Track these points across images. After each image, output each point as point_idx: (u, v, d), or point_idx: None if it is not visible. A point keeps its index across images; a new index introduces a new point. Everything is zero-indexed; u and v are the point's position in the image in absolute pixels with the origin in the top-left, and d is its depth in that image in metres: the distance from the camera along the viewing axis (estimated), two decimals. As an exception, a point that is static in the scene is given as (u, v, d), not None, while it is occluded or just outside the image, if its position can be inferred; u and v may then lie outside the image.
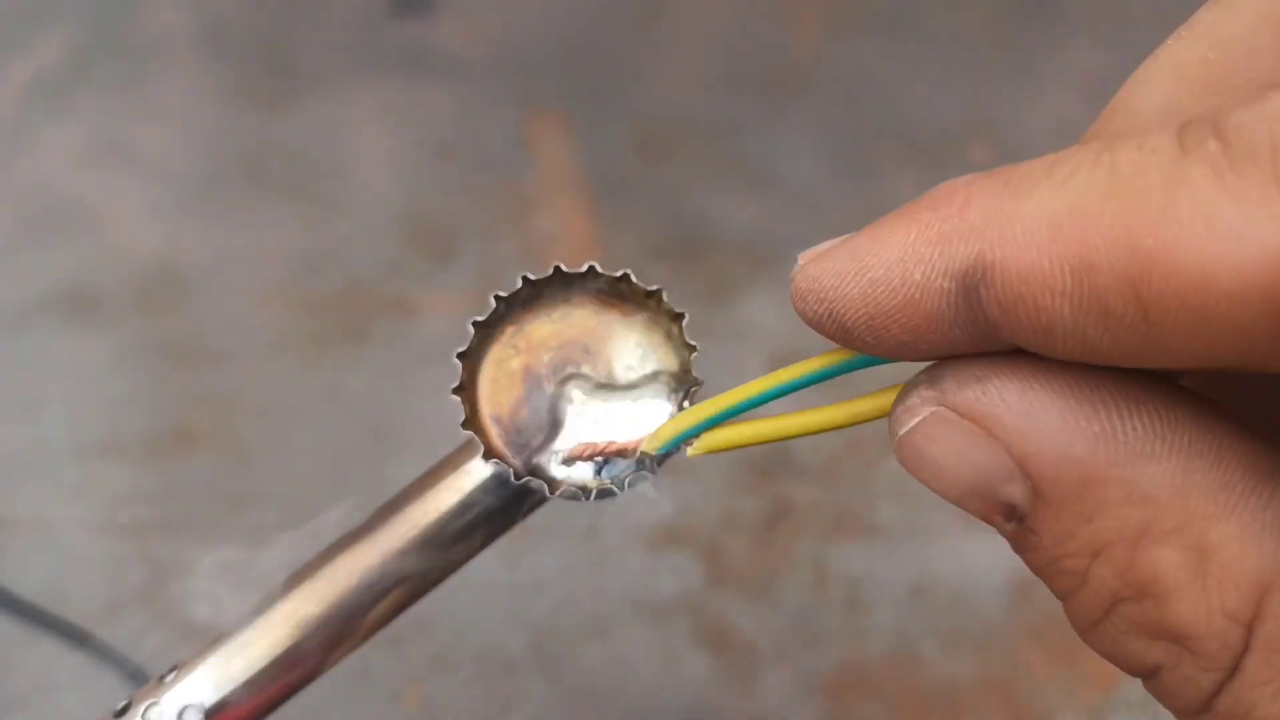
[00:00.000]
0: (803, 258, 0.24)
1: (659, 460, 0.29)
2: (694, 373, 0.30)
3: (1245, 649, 0.20)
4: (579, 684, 0.55)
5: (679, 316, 0.30)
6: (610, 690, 0.55)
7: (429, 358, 0.64)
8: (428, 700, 0.54)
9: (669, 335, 0.30)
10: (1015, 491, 0.22)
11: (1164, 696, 0.22)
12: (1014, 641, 0.56)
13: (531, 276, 0.30)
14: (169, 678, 0.32)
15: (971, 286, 0.20)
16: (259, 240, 0.68)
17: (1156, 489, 0.21)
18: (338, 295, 0.66)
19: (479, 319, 0.31)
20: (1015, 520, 0.22)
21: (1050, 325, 0.19)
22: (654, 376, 0.30)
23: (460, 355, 0.31)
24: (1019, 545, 0.23)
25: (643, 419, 0.30)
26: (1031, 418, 0.21)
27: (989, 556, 0.58)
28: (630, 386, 0.30)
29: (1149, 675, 0.22)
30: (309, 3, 0.79)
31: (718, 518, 0.59)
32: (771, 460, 0.61)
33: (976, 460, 0.22)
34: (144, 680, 0.54)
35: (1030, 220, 0.19)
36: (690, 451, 0.27)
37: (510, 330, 0.31)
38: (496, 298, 0.31)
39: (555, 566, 0.57)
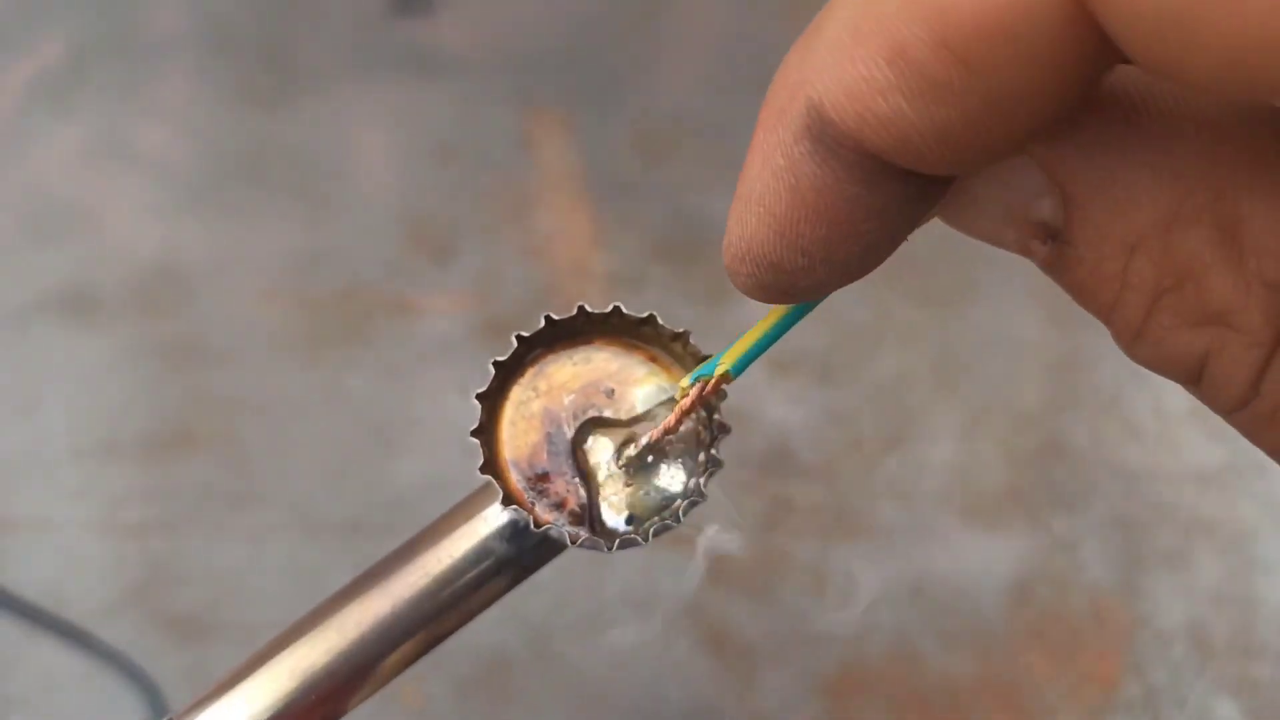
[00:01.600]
0: (723, 254, 0.24)
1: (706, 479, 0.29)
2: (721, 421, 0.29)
3: None
4: (577, 684, 0.55)
5: (704, 359, 0.29)
6: (609, 690, 0.55)
7: (429, 358, 0.64)
8: (428, 700, 0.54)
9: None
10: (1047, 207, 0.21)
11: (1213, 394, 0.22)
12: (1014, 641, 0.56)
13: (555, 316, 0.29)
14: None
15: (819, 135, 0.20)
16: (259, 240, 0.68)
17: (1184, 166, 0.20)
18: (338, 295, 0.66)
19: (500, 359, 0.29)
20: (1051, 239, 0.22)
21: (890, 120, 0.19)
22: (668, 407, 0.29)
23: (479, 396, 0.29)
24: (1059, 268, 0.22)
25: (674, 466, 0.29)
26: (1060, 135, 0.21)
27: (989, 556, 0.58)
28: (646, 421, 0.29)
29: (1197, 374, 0.22)
30: (309, 3, 0.79)
31: (718, 518, 0.59)
32: (772, 460, 0.61)
33: (1009, 176, 0.22)
34: (144, 682, 0.54)
35: (830, 42, 0.19)
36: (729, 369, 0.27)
37: (531, 372, 0.30)
38: (518, 338, 0.29)
39: (555, 566, 0.57)
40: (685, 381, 0.27)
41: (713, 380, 0.26)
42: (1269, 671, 0.56)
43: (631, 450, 0.28)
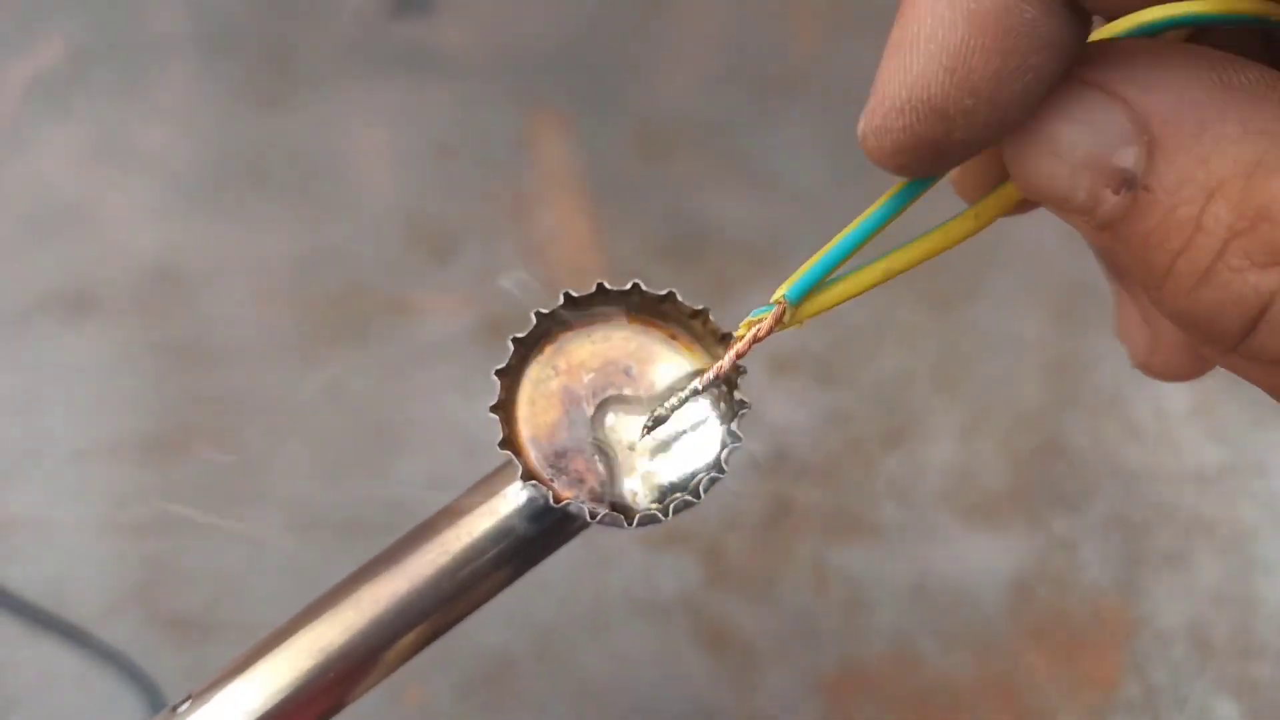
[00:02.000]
0: (863, 120, 0.24)
1: (735, 428, 0.27)
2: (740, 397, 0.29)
3: None
4: (579, 684, 0.55)
5: (725, 337, 0.29)
6: (610, 690, 0.55)
7: (429, 358, 0.64)
8: (428, 700, 0.54)
9: (715, 357, 0.29)
10: (1130, 155, 0.22)
11: (1268, 338, 0.22)
12: (1014, 641, 0.56)
13: (574, 293, 0.29)
14: (182, 708, 0.30)
15: None
16: (259, 240, 0.68)
17: (1271, 123, 0.21)
18: (338, 295, 0.66)
19: (519, 335, 0.29)
20: (1125, 189, 0.22)
21: None
22: (690, 386, 0.28)
23: (498, 372, 0.29)
24: (1126, 221, 0.23)
25: (695, 442, 0.29)
26: (1153, 72, 0.22)
27: (989, 556, 0.58)
28: (667, 400, 0.28)
29: (1255, 318, 0.22)
30: (309, 3, 0.79)
31: (718, 518, 0.59)
32: (771, 460, 0.61)
33: (1097, 126, 0.22)
34: (144, 682, 0.54)
35: None
36: (801, 315, 0.26)
37: (550, 350, 0.30)
38: (537, 314, 0.29)
39: (556, 566, 0.57)
40: (743, 327, 0.26)
41: (771, 315, 0.25)
42: (1269, 671, 0.56)
43: (668, 406, 0.27)
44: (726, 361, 0.26)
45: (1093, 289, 0.57)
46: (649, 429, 0.28)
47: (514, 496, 0.29)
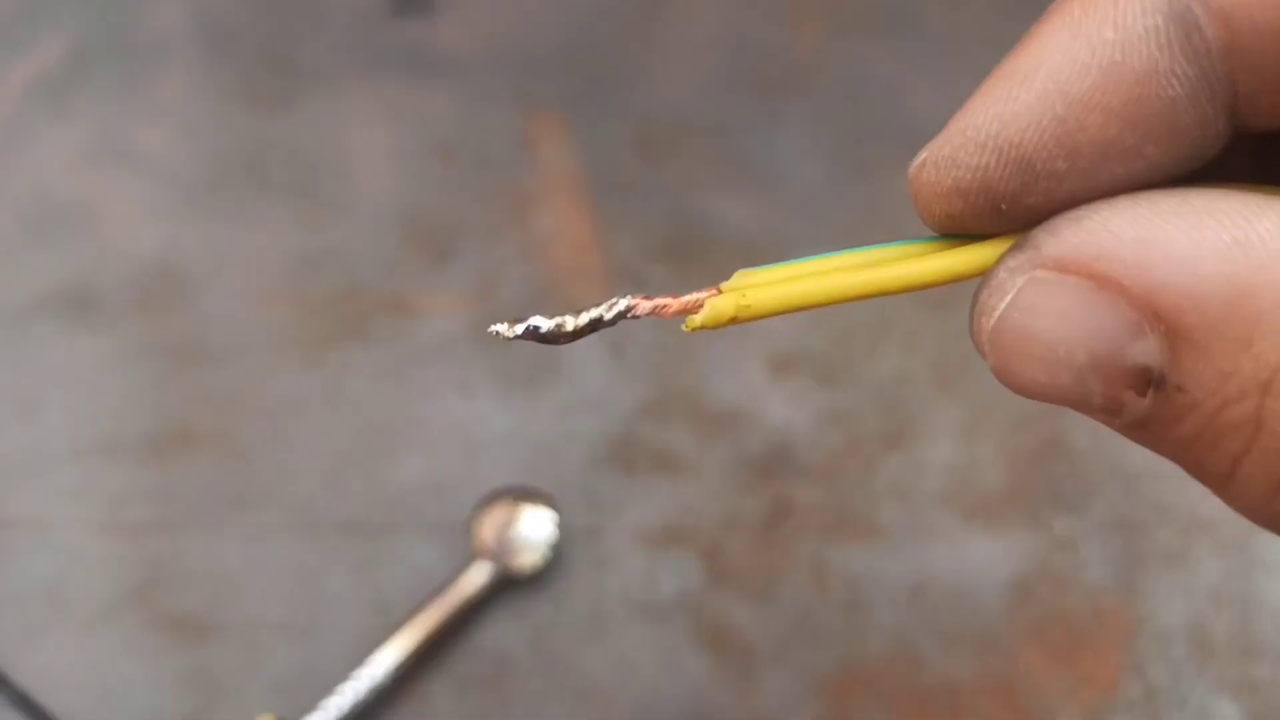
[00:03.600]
0: (929, 149, 0.20)
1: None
2: None
3: None
4: (579, 684, 0.55)
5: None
6: (610, 690, 0.55)
7: (429, 358, 0.64)
8: (428, 700, 0.54)
9: None
10: (1147, 349, 0.17)
11: None
12: (1014, 641, 0.56)
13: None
14: None
15: (1183, 14, 0.17)
16: (259, 240, 0.68)
17: None
18: (338, 295, 0.66)
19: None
20: (1151, 390, 0.18)
21: None
22: None
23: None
24: (1161, 422, 0.18)
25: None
26: (1151, 243, 0.17)
27: (989, 556, 0.58)
28: None
29: None
30: (309, 3, 0.79)
31: (718, 518, 0.59)
32: (771, 460, 0.61)
33: (1093, 323, 0.18)
34: None
35: None
36: (696, 322, 0.23)
37: None
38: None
39: (555, 566, 0.57)
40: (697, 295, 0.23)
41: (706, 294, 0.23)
42: (1269, 671, 0.56)
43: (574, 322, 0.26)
44: (645, 307, 0.24)
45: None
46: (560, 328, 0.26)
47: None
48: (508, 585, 0.56)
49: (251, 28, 0.78)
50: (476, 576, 0.55)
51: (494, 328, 0.25)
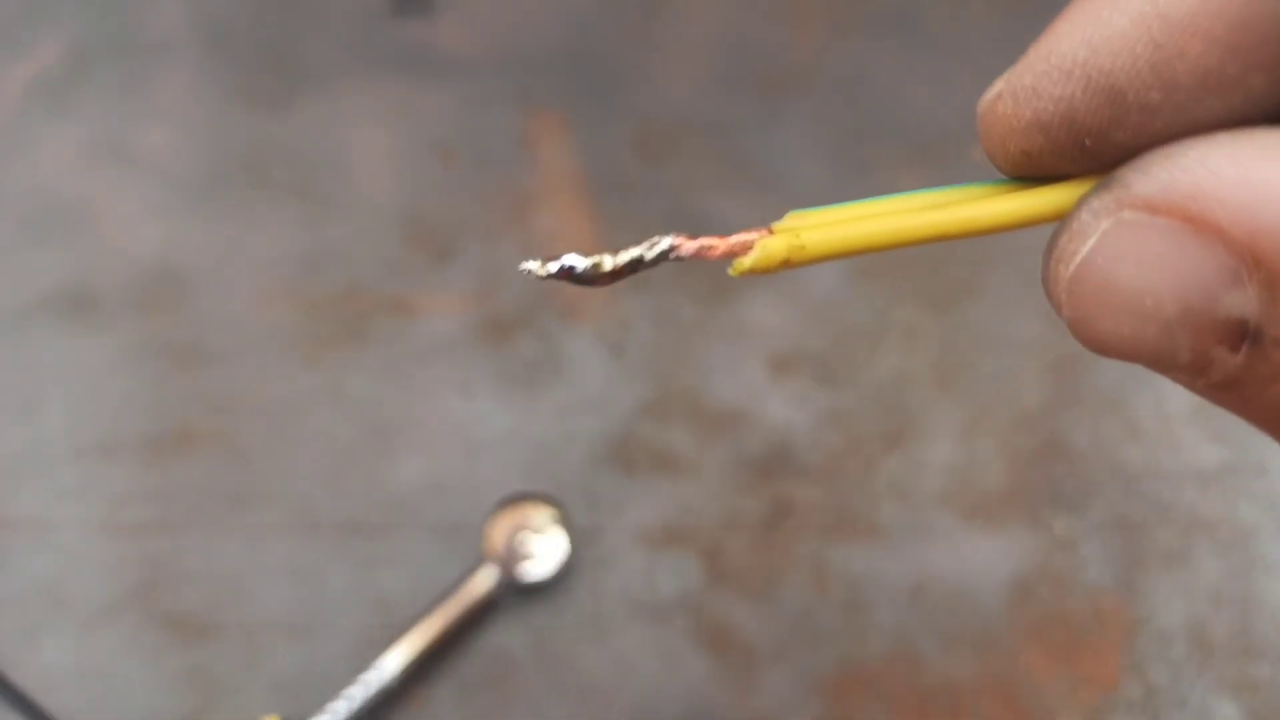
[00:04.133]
0: (1006, 79, 0.18)
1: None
2: None
3: None
4: (579, 684, 0.55)
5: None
6: (611, 690, 0.55)
7: (429, 358, 0.64)
8: (427, 700, 0.54)
9: None
10: (1245, 299, 0.16)
11: None
12: (1014, 641, 0.56)
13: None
14: None
15: None
16: (259, 240, 0.68)
17: None
18: (338, 295, 0.66)
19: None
20: (1246, 345, 0.16)
21: None
22: None
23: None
24: (1253, 382, 0.17)
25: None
26: (1256, 183, 0.15)
27: (989, 556, 0.58)
28: None
29: None
30: (309, 3, 0.79)
31: (718, 518, 0.59)
32: (771, 460, 0.61)
33: (1187, 270, 0.16)
34: None
35: None
36: (745, 265, 0.21)
37: None
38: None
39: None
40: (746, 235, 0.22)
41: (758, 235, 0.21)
42: (1269, 671, 0.56)
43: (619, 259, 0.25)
44: (691, 247, 0.24)
45: (1093, 289, 0.56)
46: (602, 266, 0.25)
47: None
48: (513, 591, 0.56)
49: (251, 28, 0.78)
50: (483, 581, 0.55)
51: (525, 265, 0.24)
